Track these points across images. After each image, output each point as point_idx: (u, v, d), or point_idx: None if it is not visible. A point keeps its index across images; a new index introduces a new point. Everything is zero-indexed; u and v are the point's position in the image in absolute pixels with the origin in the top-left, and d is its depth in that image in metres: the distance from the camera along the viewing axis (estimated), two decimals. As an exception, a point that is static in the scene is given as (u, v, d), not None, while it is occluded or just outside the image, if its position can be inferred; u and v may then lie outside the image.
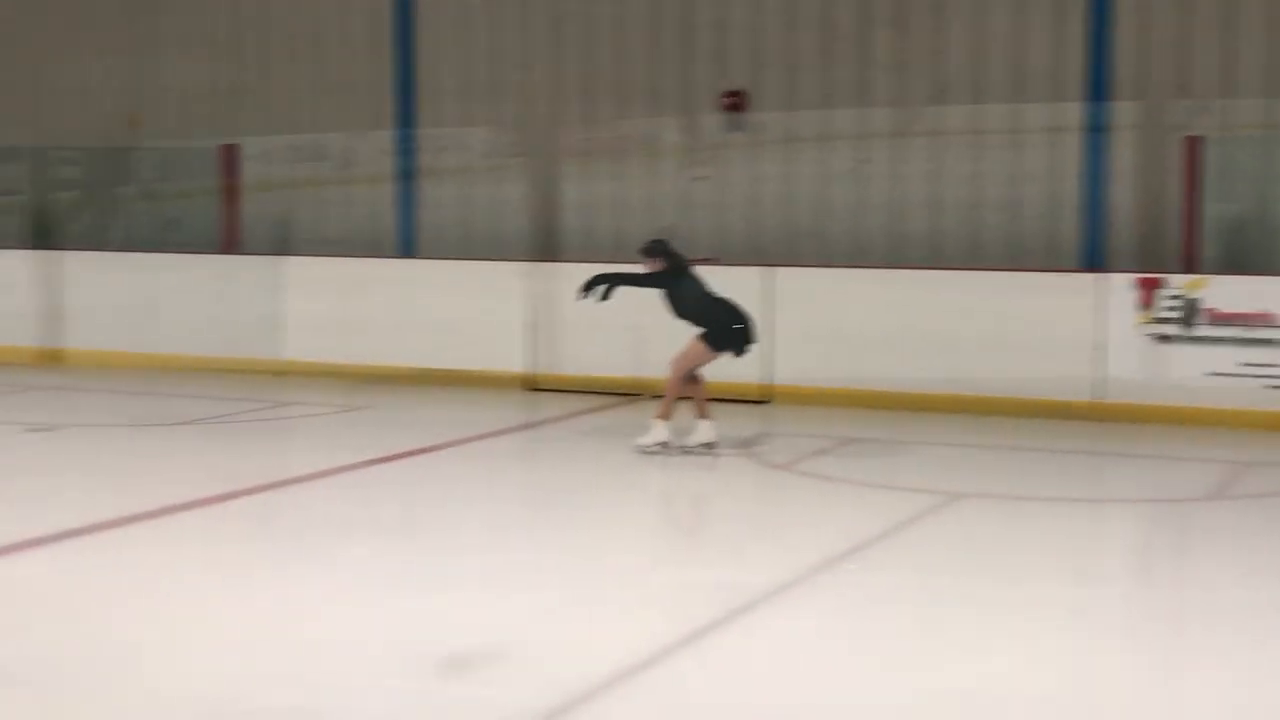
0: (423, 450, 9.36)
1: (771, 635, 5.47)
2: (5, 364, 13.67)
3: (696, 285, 9.54)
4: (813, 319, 11.66)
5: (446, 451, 9.42)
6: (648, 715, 4.55)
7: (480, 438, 9.95)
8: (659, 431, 9.33)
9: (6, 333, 14.02)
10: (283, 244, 14.86)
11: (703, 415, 9.44)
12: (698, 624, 5.48)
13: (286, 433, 10.84)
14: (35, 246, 15.17)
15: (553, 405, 11.54)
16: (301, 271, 13.34)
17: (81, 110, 15.97)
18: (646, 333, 12.03)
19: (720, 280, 12.12)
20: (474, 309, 12.58)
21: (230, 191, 14.71)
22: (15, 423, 10.45)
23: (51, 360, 13.83)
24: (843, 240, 13.02)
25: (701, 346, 9.39)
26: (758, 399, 11.66)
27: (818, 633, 5.50)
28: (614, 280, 9.51)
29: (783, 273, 11.87)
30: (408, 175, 14.51)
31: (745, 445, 9.76)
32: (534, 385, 12.34)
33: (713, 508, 7.85)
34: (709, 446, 9.39)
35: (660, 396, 9.45)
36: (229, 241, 14.64)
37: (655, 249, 9.59)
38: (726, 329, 9.44)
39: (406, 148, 14.54)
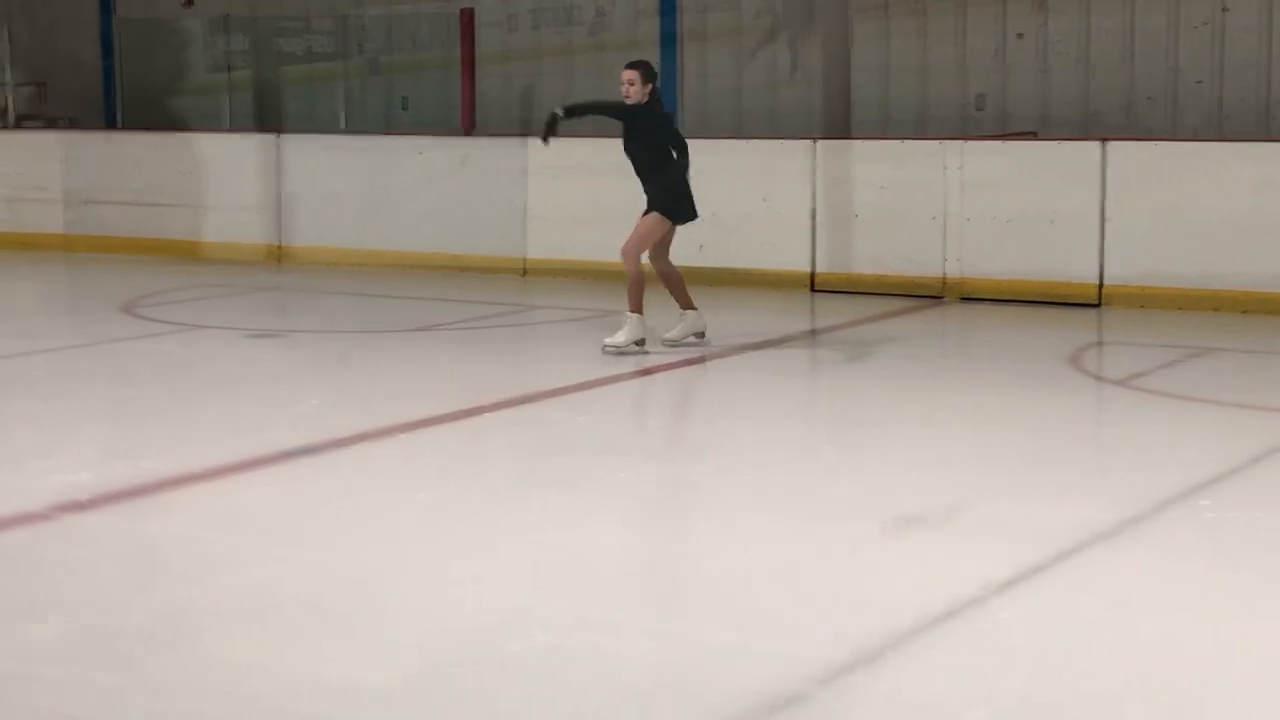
0: (688, 362, 9.48)
1: (1109, 579, 5.40)
2: (231, 262, 14.36)
3: (673, 134, 9.59)
4: (1157, 203, 11.31)
5: (715, 362, 9.52)
6: (963, 665, 4.57)
7: (754, 347, 10.03)
8: (633, 327, 9.46)
9: (234, 228, 14.65)
10: (526, 123, 15.17)
11: (687, 305, 9.67)
12: (1023, 564, 5.45)
13: (533, 339, 11.13)
14: (259, 129, 15.81)
15: (841, 309, 11.53)
16: (547, 154, 13.57)
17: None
18: (955, 223, 11.90)
19: (1045, 157, 11.88)
20: (748, 196, 12.62)
21: (467, 63, 15.04)
22: (239, 328, 11.00)
23: (275, 258, 14.46)
24: (1196, 107, 12.57)
25: (656, 220, 9.52)
26: (1087, 301, 11.42)
27: (1165, 578, 5.41)
28: (578, 110, 9.66)
29: (1120, 147, 11.54)
30: (669, 40, 14.59)
31: (1074, 357, 9.59)
32: (819, 285, 12.35)
33: (1040, 431, 7.75)
34: (700, 337, 9.66)
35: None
36: (466, 120, 15.00)
37: (650, 71, 9.58)
38: (684, 195, 9.57)
39: (668, 7, 14.61)
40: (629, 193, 13.31)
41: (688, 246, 12.68)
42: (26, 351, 10.10)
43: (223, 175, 14.75)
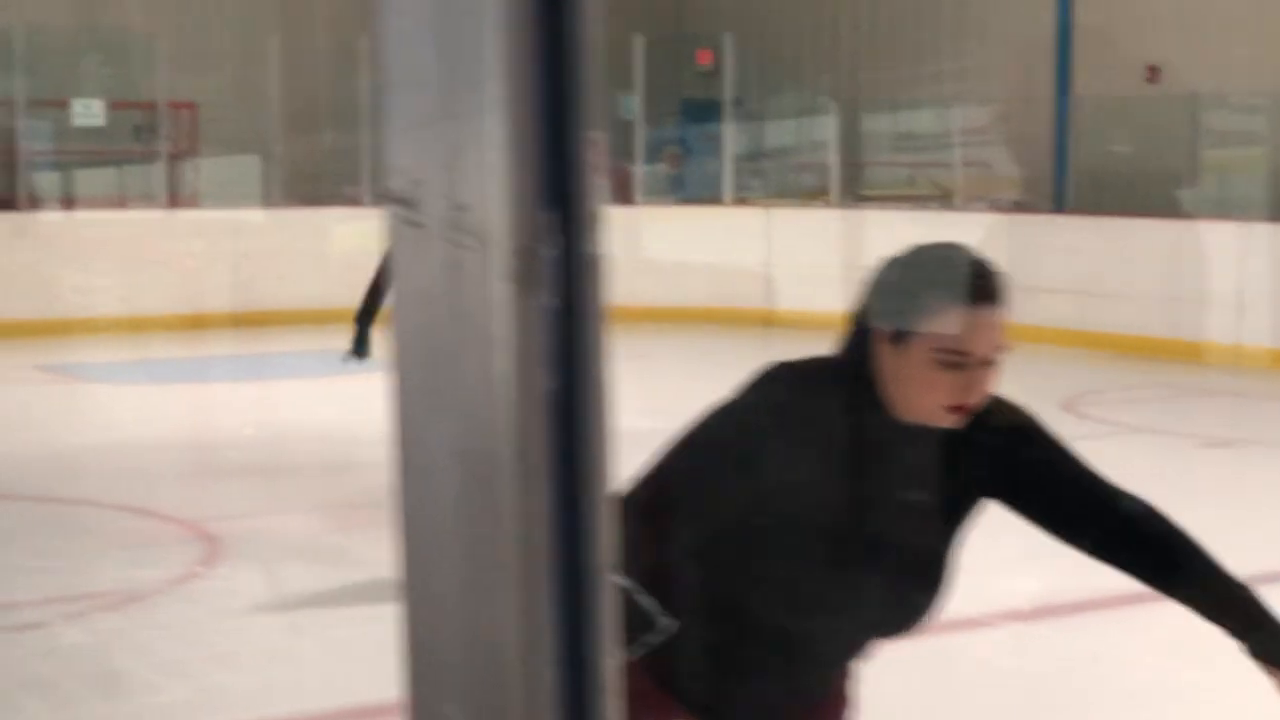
0: None
1: None
2: (1183, 360, 14.29)
3: None
4: None
5: None
6: None
7: None
8: None
9: (1188, 324, 14.51)
10: None
11: None
12: None
13: None
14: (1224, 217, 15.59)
15: None
16: None
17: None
18: None
19: None
20: None
21: None
22: (1190, 435, 10.95)
23: (1235, 358, 14.16)
24: None
25: None
26: None
27: None
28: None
29: None
30: None
31: None
32: None
33: None
34: None
35: None
36: None
37: None
38: None
39: None
40: None
41: None
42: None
43: (1182, 264, 14.67)
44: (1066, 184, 17.68)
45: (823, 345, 2.62)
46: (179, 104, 18.77)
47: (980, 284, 2.58)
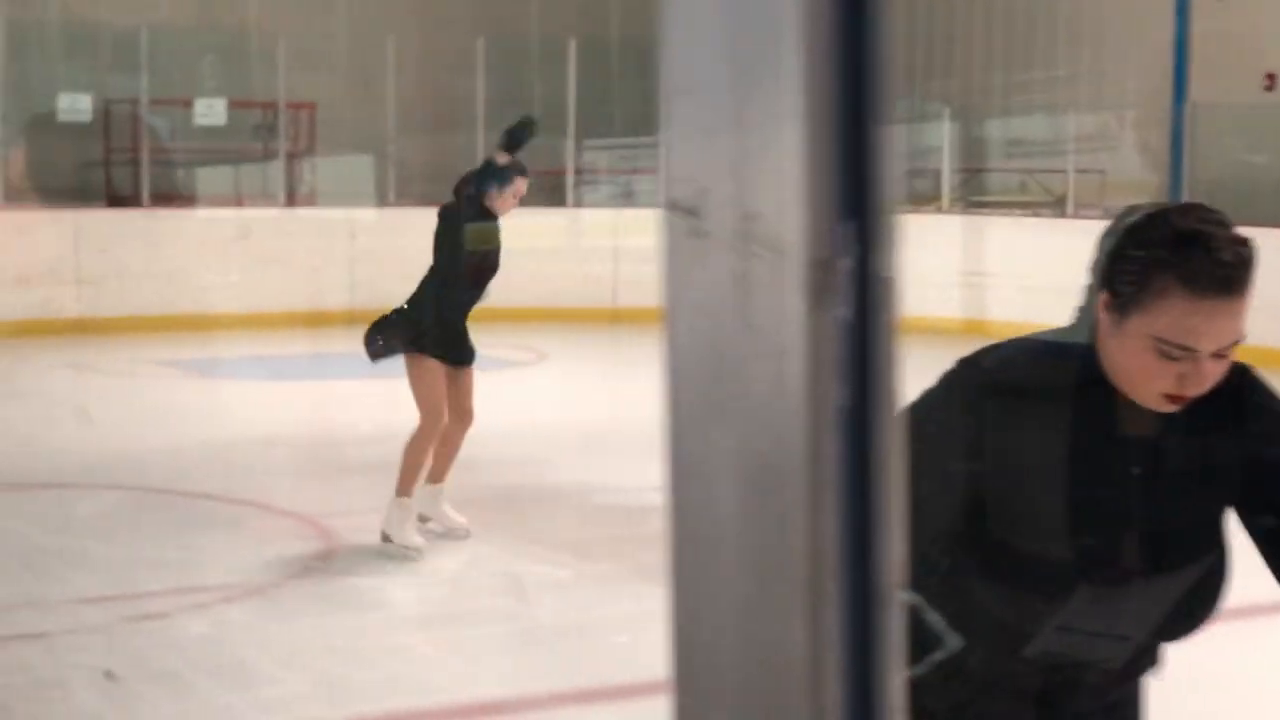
0: None
1: None
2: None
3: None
4: None
5: None
6: None
7: None
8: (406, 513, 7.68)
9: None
10: None
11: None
12: None
13: None
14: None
15: None
16: None
17: None
18: None
19: None
20: None
21: None
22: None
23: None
24: None
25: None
26: None
27: None
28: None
29: None
30: None
31: None
32: None
33: None
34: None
35: None
36: None
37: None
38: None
39: None
40: None
41: None
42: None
43: None
44: (1183, 192, 17.43)
45: (933, 352, 2.48)
46: (298, 104, 18.93)
47: (1219, 270, 2.13)
